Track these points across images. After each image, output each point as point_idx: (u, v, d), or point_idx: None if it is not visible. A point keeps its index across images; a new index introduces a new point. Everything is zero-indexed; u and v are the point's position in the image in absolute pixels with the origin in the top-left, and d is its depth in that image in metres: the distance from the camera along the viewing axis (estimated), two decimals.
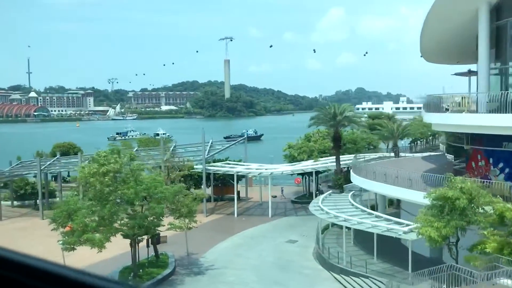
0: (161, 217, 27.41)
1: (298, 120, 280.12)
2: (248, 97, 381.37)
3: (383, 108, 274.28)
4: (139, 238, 27.98)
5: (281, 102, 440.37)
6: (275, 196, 51.61)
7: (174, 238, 35.24)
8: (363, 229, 27.41)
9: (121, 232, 26.89)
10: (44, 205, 48.97)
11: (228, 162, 50.19)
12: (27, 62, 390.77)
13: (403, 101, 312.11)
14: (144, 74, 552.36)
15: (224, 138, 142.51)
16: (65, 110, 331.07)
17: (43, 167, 44.12)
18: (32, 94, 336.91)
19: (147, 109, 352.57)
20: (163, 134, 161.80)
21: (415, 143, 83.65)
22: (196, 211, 30.41)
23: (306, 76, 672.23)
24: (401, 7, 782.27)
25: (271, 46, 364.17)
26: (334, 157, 48.24)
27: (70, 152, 61.67)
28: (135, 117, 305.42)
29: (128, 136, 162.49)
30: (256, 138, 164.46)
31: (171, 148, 48.74)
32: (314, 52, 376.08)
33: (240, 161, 51.73)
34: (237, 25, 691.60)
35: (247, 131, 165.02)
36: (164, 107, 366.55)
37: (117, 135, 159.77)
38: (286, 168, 46.10)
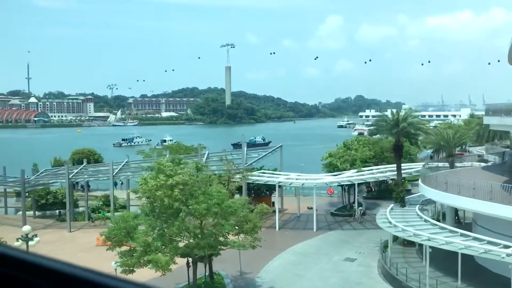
0: (227, 235, 24.42)
1: (300, 127, 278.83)
2: (248, 104, 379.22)
3: (387, 116, 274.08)
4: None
5: (281, 109, 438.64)
6: (311, 208, 48.80)
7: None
8: (453, 250, 24.49)
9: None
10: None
11: (264, 171, 47.22)
12: (26, 67, 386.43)
13: (405, 109, 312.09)
14: (144, 81, 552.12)
15: (232, 145, 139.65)
16: (65, 116, 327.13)
17: (71, 175, 40.99)
18: (32, 99, 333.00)
19: (148, 115, 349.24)
20: (170, 140, 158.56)
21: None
22: (261, 227, 27.38)
23: (305, 83, 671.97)
24: (399, 16, 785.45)
25: (273, 53, 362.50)
26: (379, 166, 45.61)
27: (91, 159, 58.57)
28: (136, 123, 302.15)
29: (134, 143, 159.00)
30: (264, 145, 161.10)
31: (205, 156, 45.81)
32: (317, 58, 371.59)
33: (275, 170, 48.78)
34: (235, 32, 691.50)
35: (255, 138, 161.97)
36: (165, 114, 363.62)
37: (122, 142, 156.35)
38: (330, 178, 43.16)
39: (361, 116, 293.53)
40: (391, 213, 32.17)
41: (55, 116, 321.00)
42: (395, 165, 45.29)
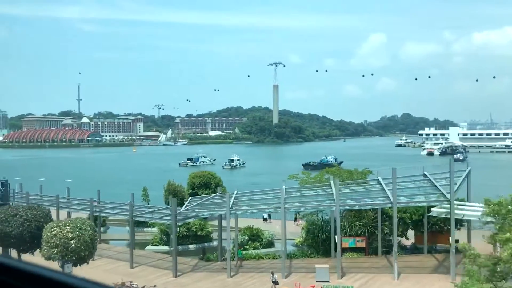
0: None
1: (353, 146, 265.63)
2: (295, 122, 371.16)
3: (449, 134, 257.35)
4: None
5: (327, 127, 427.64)
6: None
7: None
8: None
9: None
10: (215, 254, 37.60)
11: None
12: (76, 89, 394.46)
13: (463, 127, 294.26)
14: (189, 101, 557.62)
15: (303, 165, 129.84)
16: (116, 135, 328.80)
17: (231, 205, 32.86)
18: (84, 119, 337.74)
19: (197, 134, 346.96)
20: (238, 160, 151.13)
21: None
22: None
23: (348, 101, 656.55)
24: (444, 32, 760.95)
25: (326, 71, 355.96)
26: None
27: (211, 183, 50.83)
28: (186, 142, 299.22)
29: (200, 162, 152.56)
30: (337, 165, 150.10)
31: (378, 184, 36.81)
32: (371, 75, 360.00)
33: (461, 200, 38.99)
34: (277, 52, 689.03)
35: (327, 158, 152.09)
36: (212, 133, 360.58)
37: (188, 161, 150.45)
38: None
39: (421, 135, 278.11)
40: None
41: (107, 136, 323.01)
42: None
